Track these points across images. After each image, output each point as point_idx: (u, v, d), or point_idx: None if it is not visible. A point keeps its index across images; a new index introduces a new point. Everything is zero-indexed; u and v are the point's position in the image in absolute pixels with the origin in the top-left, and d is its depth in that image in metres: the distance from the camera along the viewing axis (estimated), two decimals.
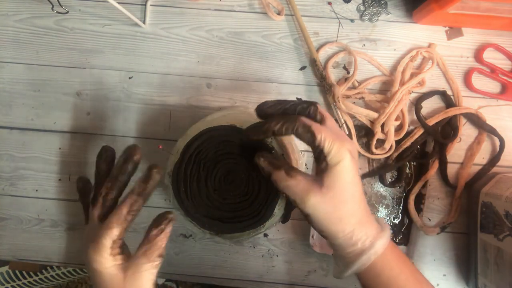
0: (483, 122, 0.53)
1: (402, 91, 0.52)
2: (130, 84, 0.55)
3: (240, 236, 0.45)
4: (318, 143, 0.35)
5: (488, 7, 0.48)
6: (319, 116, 0.37)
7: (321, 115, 0.37)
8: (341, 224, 0.35)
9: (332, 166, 0.35)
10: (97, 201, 0.39)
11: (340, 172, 0.35)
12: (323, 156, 0.35)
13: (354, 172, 0.36)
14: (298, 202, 0.36)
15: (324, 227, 0.36)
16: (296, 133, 0.35)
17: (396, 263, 0.37)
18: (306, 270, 0.56)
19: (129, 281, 0.37)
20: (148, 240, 0.37)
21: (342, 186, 0.35)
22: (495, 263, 0.48)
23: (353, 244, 0.36)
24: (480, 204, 0.50)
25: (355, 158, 0.36)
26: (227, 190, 0.43)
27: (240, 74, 0.55)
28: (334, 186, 0.35)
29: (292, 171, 0.36)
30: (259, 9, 0.55)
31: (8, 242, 0.57)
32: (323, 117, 0.37)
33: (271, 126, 0.35)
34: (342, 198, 0.35)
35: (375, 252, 0.35)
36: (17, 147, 0.56)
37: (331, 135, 0.35)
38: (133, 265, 0.37)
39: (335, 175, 0.35)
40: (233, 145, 0.42)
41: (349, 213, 0.36)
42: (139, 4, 0.55)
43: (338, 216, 0.35)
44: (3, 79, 0.56)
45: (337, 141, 0.35)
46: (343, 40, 0.55)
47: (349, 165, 0.35)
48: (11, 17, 0.55)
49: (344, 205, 0.35)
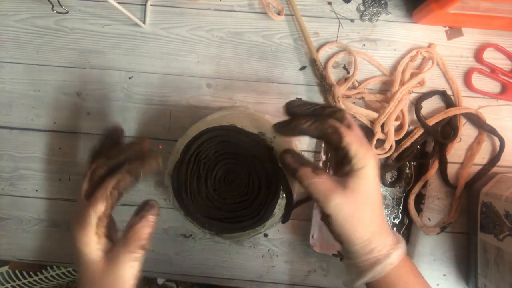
0: (483, 122, 0.53)
1: (402, 91, 0.52)
2: (130, 84, 0.55)
3: (240, 236, 0.45)
4: (344, 146, 0.35)
5: (488, 7, 0.48)
6: (347, 121, 0.37)
7: (348, 121, 0.37)
8: (360, 230, 0.35)
9: (356, 170, 0.35)
10: (85, 175, 0.37)
11: (364, 177, 0.35)
12: (347, 159, 0.35)
13: (376, 180, 0.36)
14: (321, 201, 0.36)
15: (343, 230, 0.36)
16: (325, 133, 0.35)
17: (411, 276, 0.37)
18: (306, 270, 0.56)
19: (107, 273, 0.35)
20: (128, 227, 0.35)
21: (365, 190, 0.35)
22: (495, 263, 0.48)
23: (368, 252, 0.35)
24: (480, 204, 0.50)
25: (377, 166, 0.36)
26: (227, 190, 0.43)
27: (240, 74, 0.55)
28: (358, 189, 0.35)
29: (319, 170, 0.36)
30: (259, 9, 0.55)
31: (8, 242, 0.57)
32: (350, 123, 0.37)
33: (300, 124, 0.35)
34: (364, 203, 0.35)
35: (390, 262, 0.35)
36: (17, 147, 0.56)
37: (358, 140, 0.35)
38: (113, 255, 0.35)
39: (359, 179, 0.35)
40: (233, 145, 0.42)
41: (368, 219, 0.36)
42: (139, 4, 0.55)
43: (357, 220, 0.35)
44: (3, 79, 0.56)
45: (364, 147, 0.35)
46: (343, 40, 0.55)
47: (372, 171, 0.35)
48: (11, 17, 0.55)
49: (364, 211, 0.35)
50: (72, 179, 0.56)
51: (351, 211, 0.35)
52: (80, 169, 0.56)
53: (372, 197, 0.36)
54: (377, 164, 0.36)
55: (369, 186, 0.35)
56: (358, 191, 0.35)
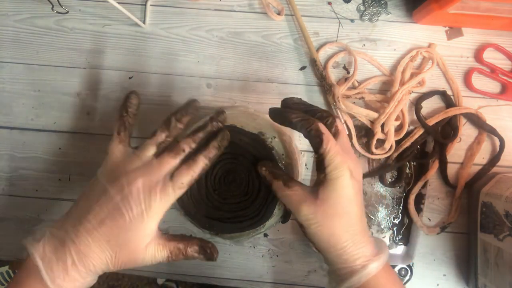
0: (483, 122, 0.53)
1: (402, 91, 0.52)
2: (130, 84, 0.55)
3: (240, 236, 0.45)
4: (322, 152, 0.35)
5: (488, 7, 0.48)
6: (335, 129, 0.37)
7: (336, 129, 0.37)
8: (332, 239, 0.36)
9: (329, 179, 0.35)
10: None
11: (336, 187, 0.35)
12: (323, 166, 0.35)
13: (353, 191, 0.36)
14: (293, 212, 0.37)
15: (315, 239, 0.36)
16: (308, 133, 0.36)
17: (390, 287, 0.37)
18: (306, 270, 0.56)
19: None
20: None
21: (336, 201, 0.35)
22: (495, 263, 0.48)
23: (344, 261, 0.36)
24: (480, 204, 0.51)
25: (357, 178, 0.36)
26: (227, 190, 0.43)
27: (240, 74, 0.55)
28: (328, 200, 0.35)
29: (290, 182, 0.38)
30: (259, 9, 0.55)
31: (8, 242, 0.57)
32: (338, 132, 0.37)
33: (289, 116, 0.36)
34: (335, 213, 0.35)
35: (367, 273, 0.35)
36: (17, 147, 0.56)
37: (338, 149, 0.35)
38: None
39: (331, 189, 0.35)
40: (233, 145, 0.42)
41: (341, 229, 0.36)
42: (139, 4, 0.55)
43: (329, 230, 0.36)
44: (3, 79, 0.56)
45: (341, 156, 0.35)
46: (343, 40, 0.55)
47: (347, 183, 0.35)
48: (11, 17, 0.55)
49: (336, 221, 0.35)
50: (72, 179, 0.56)
51: (321, 221, 0.35)
52: (80, 169, 0.56)
53: (346, 208, 0.36)
54: (357, 175, 0.36)
55: (343, 197, 0.35)
56: (328, 201, 0.35)
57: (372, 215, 0.55)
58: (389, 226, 0.55)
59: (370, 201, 0.55)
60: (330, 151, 0.35)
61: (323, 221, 0.35)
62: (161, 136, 0.39)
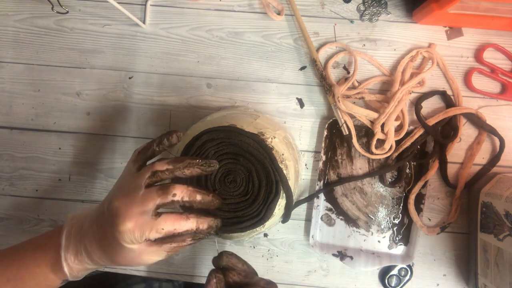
0: (483, 122, 0.53)
1: (402, 91, 0.52)
2: (130, 84, 0.55)
3: (240, 236, 0.45)
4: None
5: (488, 7, 0.48)
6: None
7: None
8: None
9: None
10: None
11: None
12: None
13: None
14: None
15: None
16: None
17: None
18: (306, 270, 0.56)
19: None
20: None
21: None
22: (495, 263, 0.48)
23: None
24: (480, 204, 0.50)
25: None
26: (227, 190, 0.43)
27: (240, 74, 0.55)
28: None
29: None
30: (259, 9, 0.55)
31: (8, 242, 0.57)
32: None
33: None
34: None
35: None
36: (17, 147, 0.56)
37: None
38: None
39: None
40: (233, 145, 0.42)
41: None
42: (139, 4, 0.55)
43: None
44: (3, 79, 0.56)
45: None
46: (343, 40, 0.55)
47: None
48: (11, 17, 0.55)
49: None
50: (72, 179, 0.56)
51: None
52: (80, 169, 0.56)
53: None
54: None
55: None
56: None
57: (372, 215, 0.55)
58: (389, 226, 0.55)
59: (370, 201, 0.55)
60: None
61: None
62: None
